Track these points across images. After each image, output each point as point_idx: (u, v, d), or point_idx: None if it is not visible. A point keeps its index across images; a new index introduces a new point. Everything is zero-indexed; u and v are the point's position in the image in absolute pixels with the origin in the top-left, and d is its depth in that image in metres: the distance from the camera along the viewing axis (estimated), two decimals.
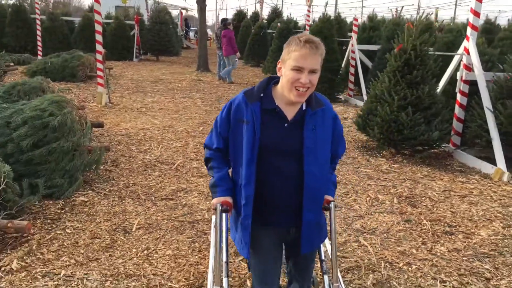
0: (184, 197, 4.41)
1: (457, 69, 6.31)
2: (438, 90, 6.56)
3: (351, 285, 2.96)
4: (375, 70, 9.29)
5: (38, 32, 15.86)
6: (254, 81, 13.74)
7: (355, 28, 10.88)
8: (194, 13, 31.78)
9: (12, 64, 13.06)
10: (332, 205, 2.05)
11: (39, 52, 15.74)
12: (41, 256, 3.21)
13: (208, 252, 3.27)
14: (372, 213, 4.13)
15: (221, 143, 2.07)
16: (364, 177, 5.13)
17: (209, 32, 30.17)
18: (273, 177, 1.97)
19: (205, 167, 2.21)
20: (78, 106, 5.51)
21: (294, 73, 1.86)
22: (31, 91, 6.69)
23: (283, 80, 1.93)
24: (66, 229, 3.65)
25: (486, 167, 5.47)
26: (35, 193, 4.01)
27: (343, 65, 10.95)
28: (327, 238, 2.34)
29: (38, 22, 15.91)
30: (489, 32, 16.11)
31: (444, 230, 3.81)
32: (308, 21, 14.11)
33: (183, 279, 3.00)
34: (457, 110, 6.20)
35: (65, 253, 3.27)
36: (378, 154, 6.12)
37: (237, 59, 13.00)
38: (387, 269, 3.16)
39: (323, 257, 2.35)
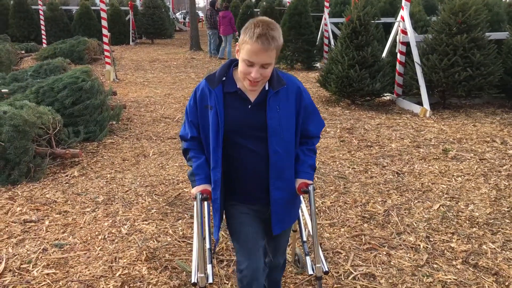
0: None
1: (397, 33, 7.86)
2: (384, 51, 8.13)
3: None
4: None
5: (42, 22, 17.23)
6: None
7: (327, 4, 12.36)
8: None
9: (23, 52, 14.53)
10: (311, 188, 2.02)
11: (44, 41, 17.13)
12: (91, 169, 4.84)
13: None
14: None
15: (194, 131, 2.06)
16: None
17: (200, 14, 31.46)
18: (241, 158, 2.00)
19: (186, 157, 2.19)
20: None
21: (245, 65, 1.84)
22: (55, 69, 8.24)
23: (239, 66, 1.91)
24: (104, 156, 5.27)
25: (416, 108, 7.08)
26: (78, 136, 5.62)
27: (318, 37, 12.48)
28: (308, 219, 2.48)
29: (41, 12, 17.26)
30: None
31: (366, 145, 5.45)
32: None
33: (187, 177, 4.62)
34: (398, 66, 7.78)
35: (107, 167, 4.90)
36: (336, 105, 7.72)
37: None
38: (319, 164, 4.81)
39: (304, 239, 2.39)
